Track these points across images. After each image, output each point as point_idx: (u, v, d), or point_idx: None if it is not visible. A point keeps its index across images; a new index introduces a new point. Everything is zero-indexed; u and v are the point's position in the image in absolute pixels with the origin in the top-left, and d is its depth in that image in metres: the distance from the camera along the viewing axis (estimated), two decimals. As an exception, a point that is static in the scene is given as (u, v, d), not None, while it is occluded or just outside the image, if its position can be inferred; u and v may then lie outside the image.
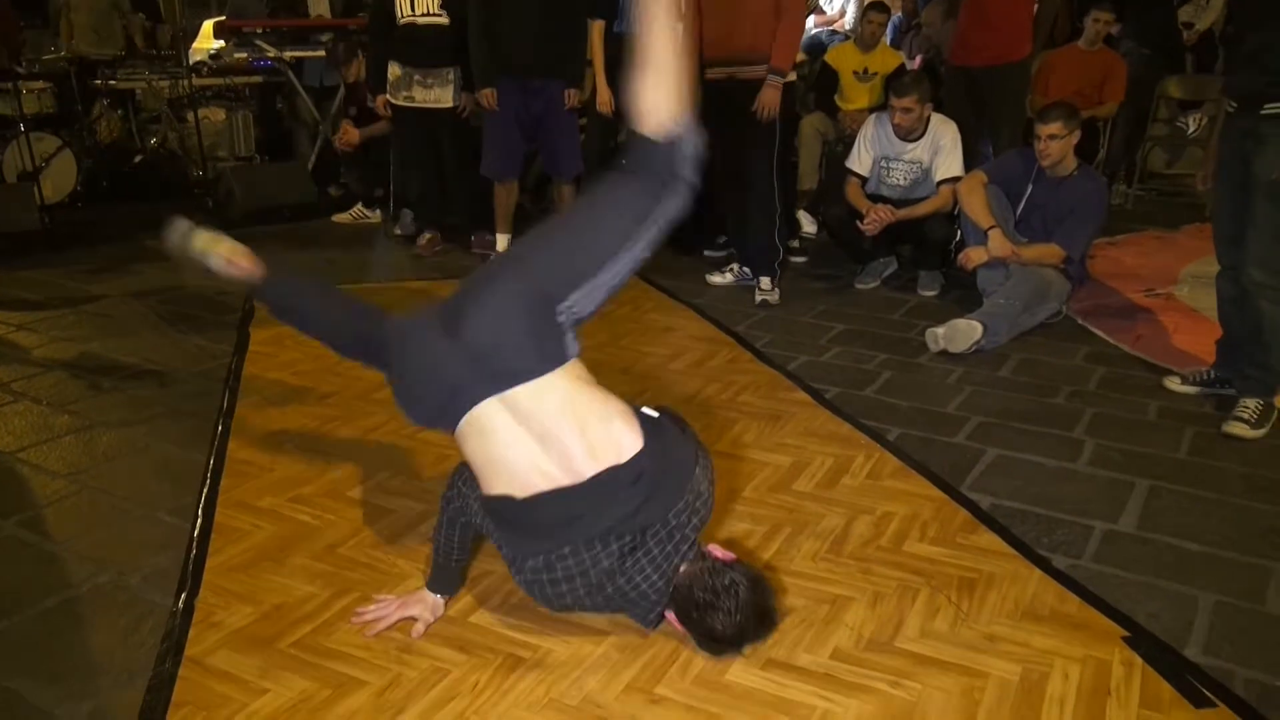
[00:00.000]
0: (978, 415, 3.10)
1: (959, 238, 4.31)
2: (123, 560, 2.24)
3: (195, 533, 2.35)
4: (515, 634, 1.97)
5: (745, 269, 4.60)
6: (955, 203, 4.28)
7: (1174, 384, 3.32)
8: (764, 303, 4.31)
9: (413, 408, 2.01)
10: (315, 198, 6.14)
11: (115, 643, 1.96)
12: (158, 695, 1.78)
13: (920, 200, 4.44)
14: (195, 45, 7.11)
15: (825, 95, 5.68)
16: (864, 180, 4.58)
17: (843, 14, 7.73)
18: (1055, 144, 3.91)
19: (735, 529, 2.38)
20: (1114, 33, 6.07)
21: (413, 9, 4.72)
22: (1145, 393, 3.30)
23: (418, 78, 4.87)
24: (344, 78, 5.97)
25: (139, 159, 6.60)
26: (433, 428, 2.08)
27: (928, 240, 4.48)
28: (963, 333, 3.62)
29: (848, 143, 4.93)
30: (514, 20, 4.29)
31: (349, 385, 3.27)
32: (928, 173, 4.46)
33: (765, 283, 4.37)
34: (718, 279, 4.63)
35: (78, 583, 2.16)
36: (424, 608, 2.01)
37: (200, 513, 2.44)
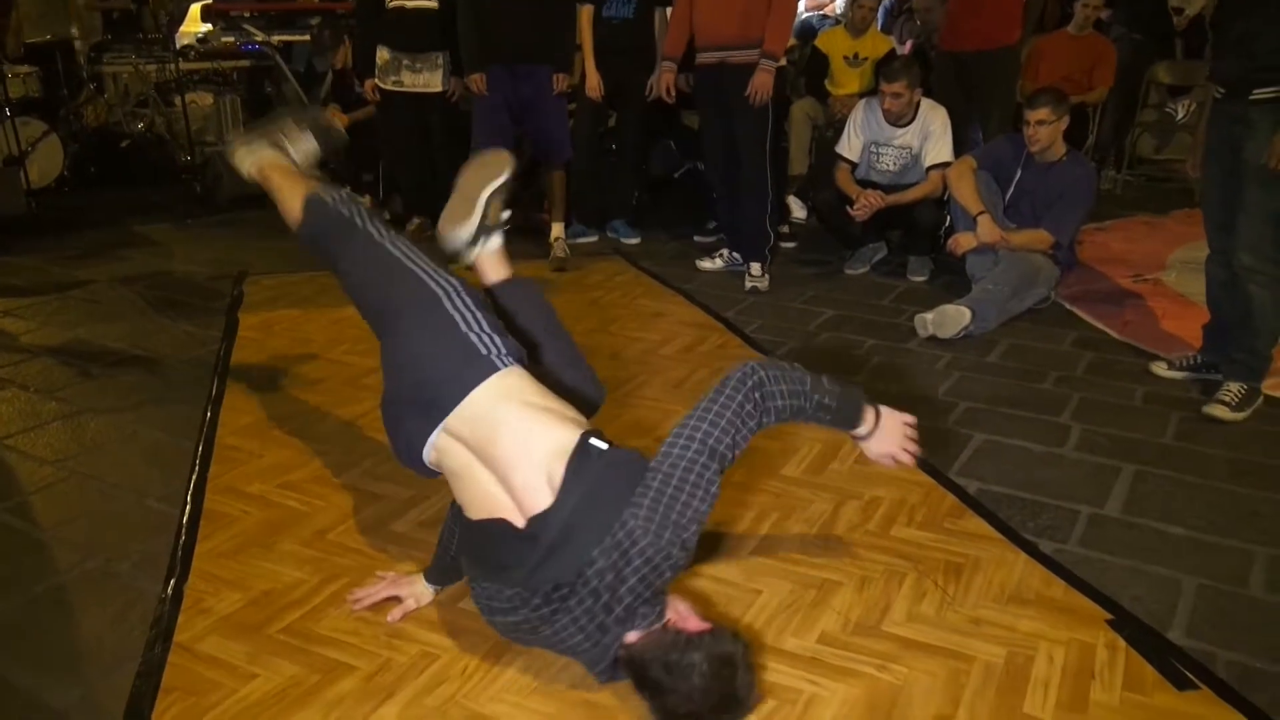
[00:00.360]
0: (966, 400, 3.11)
1: (948, 223, 4.32)
2: (111, 546, 2.24)
3: (184, 519, 2.35)
4: (504, 619, 1.98)
5: (735, 254, 4.60)
6: (945, 188, 4.28)
7: (1160, 369, 3.34)
8: (754, 289, 4.31)
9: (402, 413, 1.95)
10: (304, 183, 6.10)
11: (104, 629, 1.96)
12: (146, 681, 1.79)
13: (910, 186, 4.44)
14: (182, 29, 7.06)
15: (815, 80, 5.67)
16: (854, 165, 4.58)
17: (833, -2, 7.72)
18: (1044, 129, 3.92)
19: (723, 514, 2.38)
20: (1104, 18, 6.08)
21: (401, -8, 4.69)
22: (1132, 378, 3.31)
23: (406, 62, 4.85)
24: (331, 65, 5.93)
25: (126, 144, 6.55)
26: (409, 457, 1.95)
27: (917, 225, 4.49)
28: (951, 318, 3.63)
29: (838, 128, 4.92)
30: (503, 5, 4.27)
31: (338, 371, 3.27)
32: (917, 158, 4.46)
33: (755, 268, 4.37)
34: (707, 264, 4.63)
35: (66, 569, 2.16)
36: (410, 592, 2.01)
37: (189, 499, 2.44)
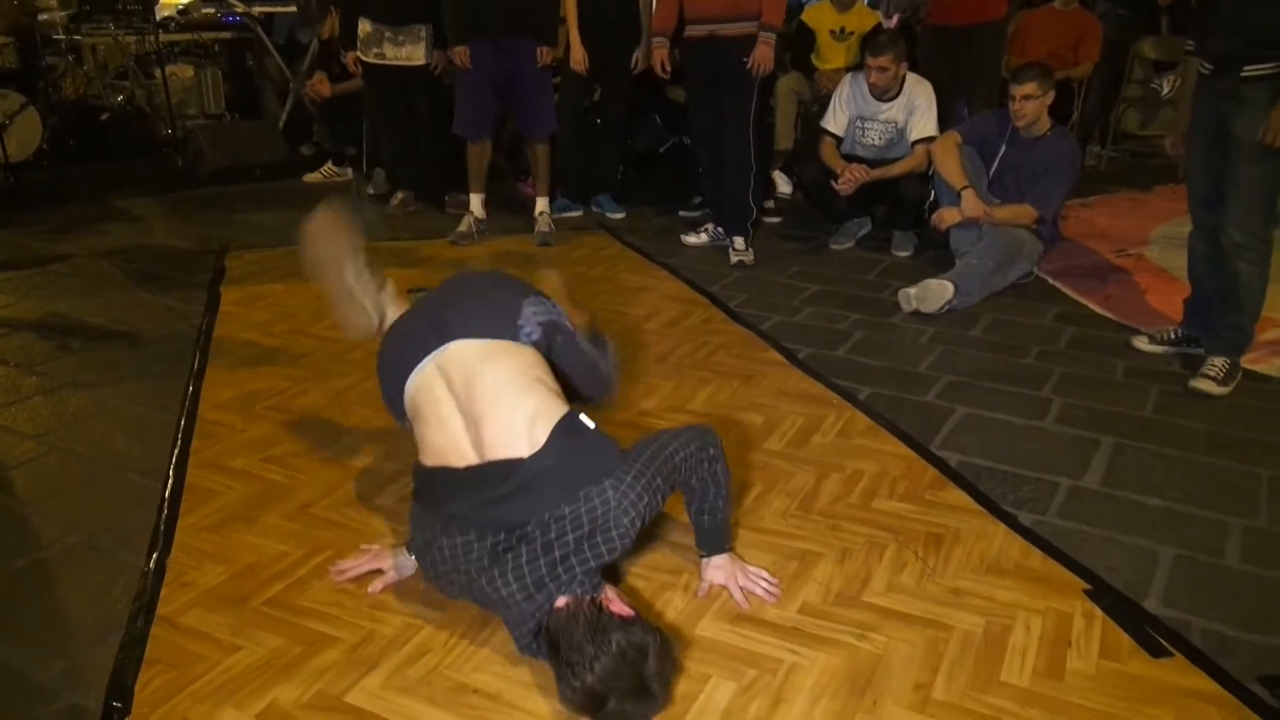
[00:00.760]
0: (948, 374, 3.13)
1: (933, 198, 4.32)
2: (93, 521, 2.24)
3: (166, 493, 2.35)
4: (487, 591, 1.99)
5: (720, 229, 4.60)
6: (930, 163, 4.28)
7: (1142, 343, 3.36)
8: (740, 263, 4.31)
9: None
10: (286, 157, 6.07)
11: (87, 602, 1.96)
12: (130, 654, 1.79)
13: (895, 160, 4.44)
14: (163, 0, 6.96)
15: (801, 55, 5.65)
16: (839, 140, 4.57)
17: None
18: (1030, 104, 3.92)
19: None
20: (1090, -7, 6.07)
21: (383, -37, 4.65)
22: (1113, 352, 3.34)
23: (388, 35, 4.80)
24: (318, 34, 5.87)
25: (106, 116, 6.49)
26: (392, 406, 2.10)
27: (902, 200, 4.49)
28: (935, 293, 3.64)
29: (823, 103, 4.91)
30: (486, -24, 4.23)
31: (321, 346, 3.26)
32: (903, 133, 4.45)
33: (739, 243, 4.37)
34: (692, 239, 4.63)
35: (48, 543, 2.16)
36: (393, 565, 2.02)
37: (171, 473, 2.44)
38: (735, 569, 2.00)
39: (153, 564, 2.06)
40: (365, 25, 4.82)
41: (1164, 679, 1.75)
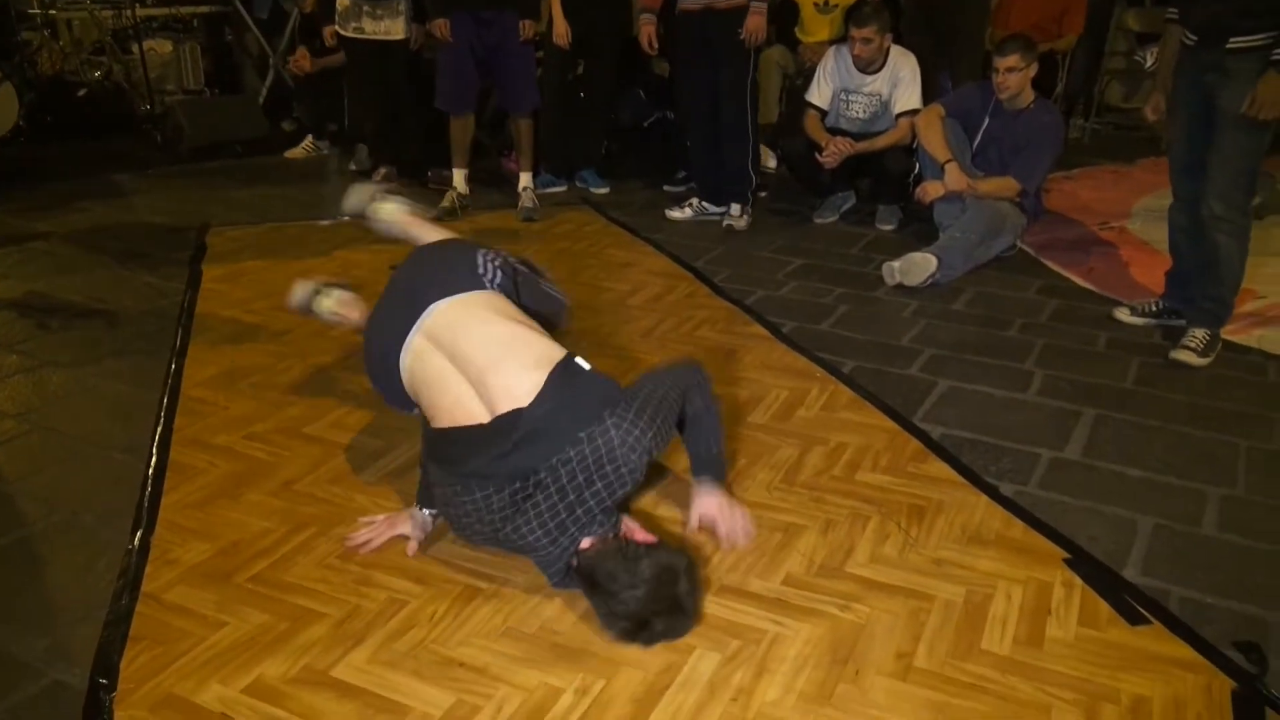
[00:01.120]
0: (931, 348, 3.14)
1: (917, 171, 4.32)
2: (76, 499, 2.23)
3: (150, 471, 2.34)
4: (473, 565, 1.99)
5: (705, 204, 4.59)
6: (914, 135, 4.27)
7: (1123, 315, 3.38)
8: (730, 228, 4.40)
9: (377, 381, 2.17)
10: (267, 132, 6.02)
11: (71, 580, 1.95)
12: (115, 631, 1.79)
13: (880, 133, 4.44)
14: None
15: (786, 28, 5.62)
16: (823, 113, 4.56)
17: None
18: (1013, 77, 3.92)
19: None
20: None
21: (361, -65, 4.59)
22: (1095, 324, 3.36)
23: (366, 8, 4.75)
24: (300, 7, 5.80)
25: (83, 93, 6.40)
26: (395, 400, 2.16)
27: (887, 173, 4.49)
28: (918, 266, 3.65)
29: (808, 76, 4.89)
30: (467, -52, 4.19)
31: (304, 323, 3.22)
32: (887, 105, 4.44)
33: (735, 209, 4.44)
34: (677, 214, 4.62)
35: (31, 521, 2.15)
36: (414, 525, 2.04)
37: (154, 451, 2.43)
38: (726, 506, 2.06)
39: (137, 541, 2.06)
40: (344, -1, 4.77)
41: (1142, 646, 1.77)
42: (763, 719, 1.60)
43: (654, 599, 1.70)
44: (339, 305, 2.57)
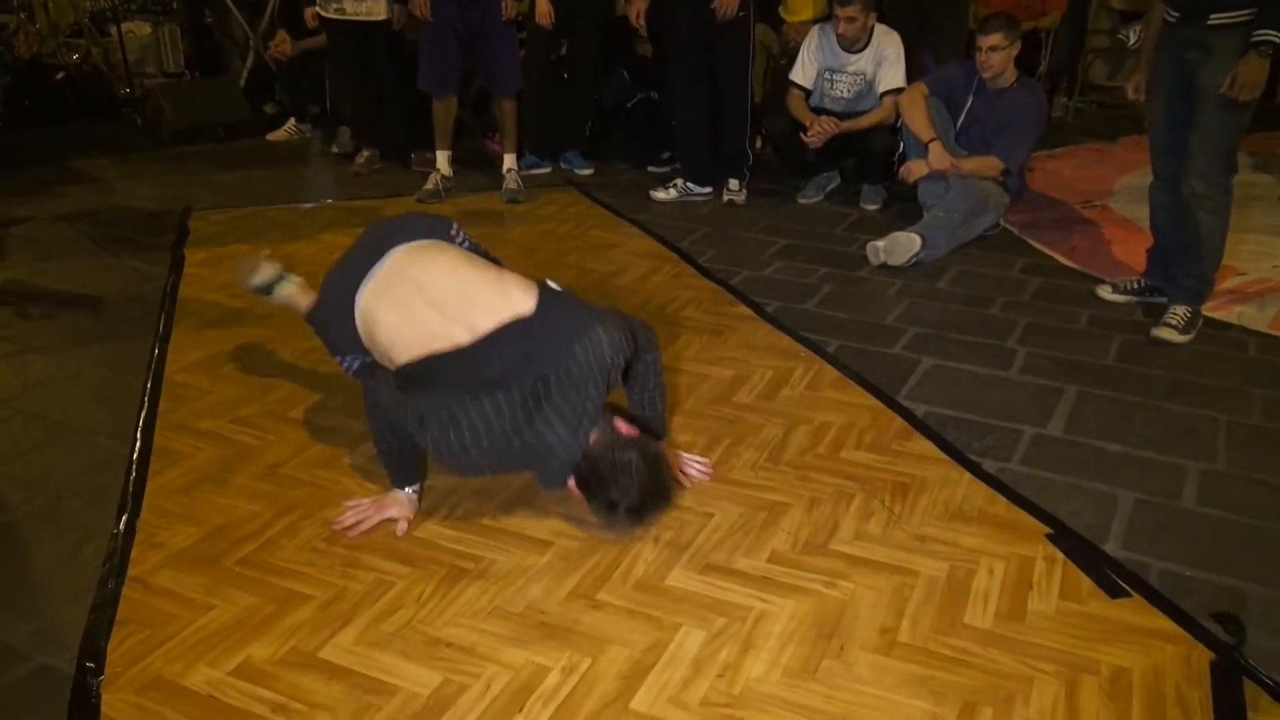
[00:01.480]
0: (915, 326, 3.15)
1: (901, 150, 4.33)
2: (61, 484, 2.22)
3: (134, 456, 2.33)
4: (459, 546, 2.00)
5: (690, 184, 4.59)
6: (898, 115, 4.28)
7: (1105, 293, 3.40)
8: (731, 202, 4.50)
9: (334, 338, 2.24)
10: (249, 115, 5.97)
11: (57, 565, 1.95)
12: (102, 615, 1.79)
13: (864, 113, 4.43)
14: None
15: (770, 7, 5.59)
16: (807, 93, 4.55)
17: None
18: (996, 56, 3.92)
19: (677, 440, 2.41)
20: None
21: (342, -85, 4.55)
22: (1078, 302, 3.38)
23: (348, -12, 4.71)
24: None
25: (61, 76, 6.33)
26: (342, 345, 2.22)
27: (871, 152, 4.49)
28: (902, 245, 3.66)
29: (792, 56, 4.87)
30: (448, -73, 4.16)
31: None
32: (871, 85, 4.44)
33: (734, 184, 4.50)
34: (662, 195, 4.61)
35: (15, 506, 2.14)
36: (400, 507, 2.06)
37: (139, 436, 2.42)
38: (673, 457, 2.22)
39: (122, 526, 2.06)
40: (325, -22, 4.73)
41: (1122, 618, 1.80)
42: (749, 695, 1.62)
43: (652, 483, 1.91)
44: (299, 290, 2.55)
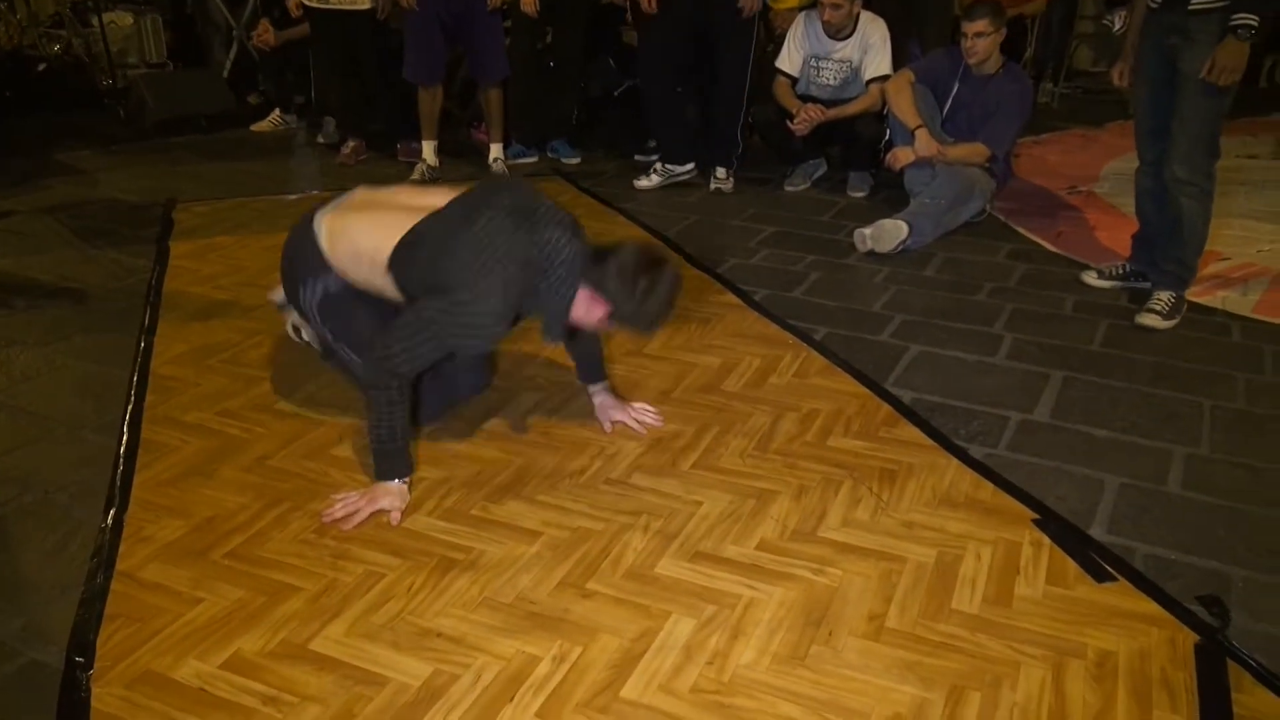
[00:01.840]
0: (902, 313, 3.16)
1: (888, 137, 4.33)
2: (48, 478, 2.21)
3: (121, 449, 2.32)
4: (449, 538, 2.00)
5: (668, 165, 4.58)
6: (884, 102, 4.28)
7: (1091, 278, 3.42)
8: (718, 190, 4.49)
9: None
10: (233, 106, 5.94)
11: (44, 560, 1.95)
12: (90, 609, 1.79)
13: (850, 100, 4.44)
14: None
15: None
16: (794, 80, 4.55)
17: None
18: (982, 42, 3.92)
19: (665, 429, 2.42)
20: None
21: (325, -97, 4.51)
22: (1063, 288, 3.39)
23: (332, -23, 4.69)
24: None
25: (43, 67, 6.28)
26: (305, 272, 2.32)
27: (858, 139, 4.50)
28: (889, 232, 3.67)
29: (778, 43, 4.87)
30: (432, -84, 4.14)
31: (274, 298, 3.22)
32: (857, 72, 4.44)
33: (721, 172, 4.50)
34: (644, 183, 4.61)
35: (2, 502, 2.13)
36: (392, 497, 2.07)
37: (126, 429, 2.41)
38: (626, 407, 2.43)
39: (110, 520, 2.05)
40: (308, -32, 4.70)
41: (1107, 602, 1.81)
42: (738, 681, 1.62)
43: (674, 272, 2.11)
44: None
